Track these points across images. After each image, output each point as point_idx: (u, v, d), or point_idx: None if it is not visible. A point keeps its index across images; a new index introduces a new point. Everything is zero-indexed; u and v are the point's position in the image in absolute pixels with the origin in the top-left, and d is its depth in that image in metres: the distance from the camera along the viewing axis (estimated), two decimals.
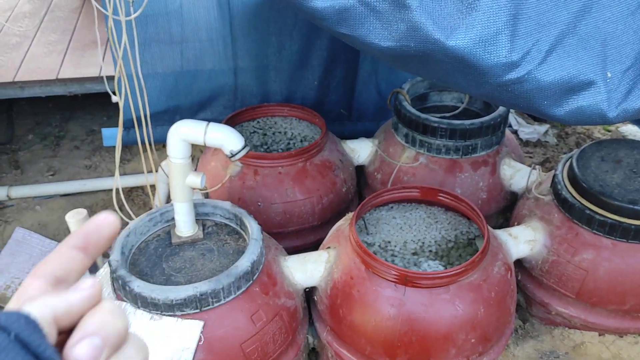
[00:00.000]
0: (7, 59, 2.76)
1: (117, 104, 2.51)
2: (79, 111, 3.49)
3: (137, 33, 2.26)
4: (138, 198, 2.96)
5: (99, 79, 2.62)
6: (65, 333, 0.43)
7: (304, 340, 1.88)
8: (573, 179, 1.94)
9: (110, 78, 2.46)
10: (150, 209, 2.81)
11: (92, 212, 2.92)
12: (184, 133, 1.65)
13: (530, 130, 3.03)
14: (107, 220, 0.48)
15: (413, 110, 2.25)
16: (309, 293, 1.93)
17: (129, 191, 3.00)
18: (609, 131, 3.18)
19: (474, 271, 1.68)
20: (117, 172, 1.98)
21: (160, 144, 2.70)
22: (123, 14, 1.66)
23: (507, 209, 2.37)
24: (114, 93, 2.44)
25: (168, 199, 2.70)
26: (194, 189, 1.77)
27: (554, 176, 2.04)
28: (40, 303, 0.42)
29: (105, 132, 2.68)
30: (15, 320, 0.40)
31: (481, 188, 2.25)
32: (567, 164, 2.04)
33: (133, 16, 1.67)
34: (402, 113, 2.29)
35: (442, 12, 1.02)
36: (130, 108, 1.96)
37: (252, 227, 1.78)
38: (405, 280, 1.64)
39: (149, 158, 2.22)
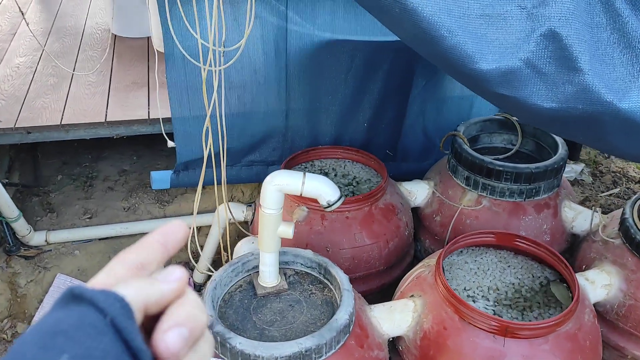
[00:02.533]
0: (50, 100, 2.71)
1: (160, 147, 2.49)
2: (106, 151, 3.43)
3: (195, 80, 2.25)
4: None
5: (147, 122, 2.58)
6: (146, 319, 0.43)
7: None
8: None
9: (165, 121, 2.44)
10: (194, 252, 2.75)
11: None
12: (281, 184, 1.63)
13: (567, 170, 3.08)
14: (180, 225, 0.51)
15: (475, 154, 2.27)
16: (392, 343, 1.90)
17: None
18: None
19: (570, 320, 1.68)
20: (195, 213, 1.93)
21: (210, 186, 2.66)
22: (215, 65, 1.65)
23: (566, 252, 2.38)
24: (169, 137, 2.42)
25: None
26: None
27: (623, 219, 2.06)
28: (134, 288, 0.43)
29: (155, 175, 2.63)
30: (112, 302, 0.40)
31: (544, 231, 2.27)
32: (636, 206, 2.07)
33: (224, 66, 1.66)
34: (462, 156, 2.30)
35: (611, 76, 1.03)
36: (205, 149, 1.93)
37: (341, 277, 1.75)
38: (506, 331, 1.63)
39: (216, 198, 2.19)
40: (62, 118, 2.57)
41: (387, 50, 2.48)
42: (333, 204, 1.65)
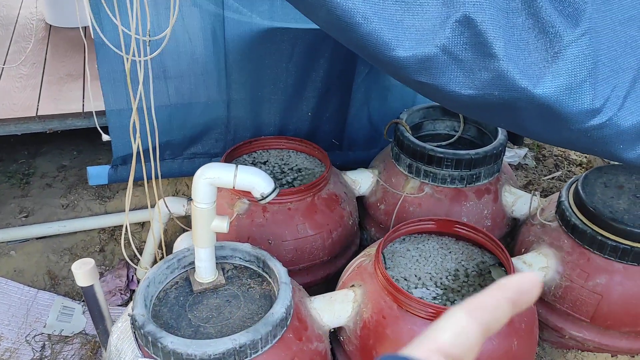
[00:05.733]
0: None
1: (101, 141, 2.39)
2: (45, 146, 3.30)
3: (130, 70, 2.17)
4: (120, 237, 2.81)
5: (82, 115, 2.48)
6: None
7: None
8: (581, 205, 2.00)
9: (99, 114, 2.35)
10: (138, 248, 2.68)
11: (72, 254, 2.75)
12: (212, 177, 1.58)
13: (511, 154, 3.12)
14: (535, 279, 0.43)
15: (417, 142, 2.27)
16: (333, 334, 1.88)
17: (112, 230, 2.84)
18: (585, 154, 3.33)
19: None
20: (127, 209, 1.86)
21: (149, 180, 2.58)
22: (142, 54, 1.58)
23: (507, 235, 2.42)
24: (104, 130, 2.33)
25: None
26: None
27: (560, 202, 2.09)
28: None
29: (92, 170, 2.53)
30: None
31: (485, 216, 2.29)
32: (572, 190, 2.11)
33: (150, 56, 1.60)
34: (404, 144, 2.30)
35: (526, 61, 1.03)
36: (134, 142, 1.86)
37: (279, 269, 1.72)
38: None
39: (147, 195, 2.12)
40: None
41: (328, 38, 2.44)
42: (267, 196, 1.62)
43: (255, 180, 1.59)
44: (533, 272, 2.02)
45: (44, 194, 2.96)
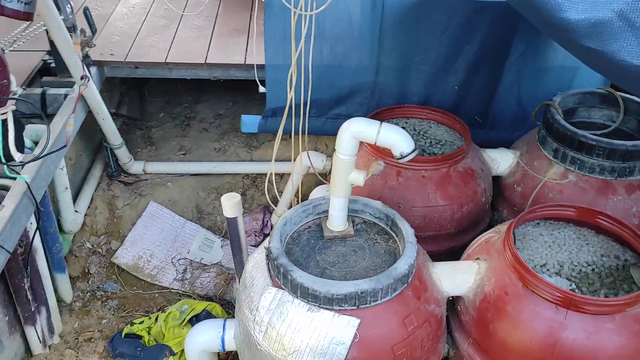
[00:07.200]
0: (157, 40, 2.90)
1: (259, 93, 2.58)
2: (206, 95, 3.62)
3: (294, 28, 2.30)
4: (262, 185, 3.03)
5: (243, 67, 2.70)
6: None
7: (443, 349, 1.86)
8: None
9: (259, 67, 2.53)
10: (274, 196, 2.87)
11: (217, 194, 3.03)
12: (356, 131, 1.66)
13: None
14: None
15: (568, 125, 2.16)
16: (451, 302, 1.91)
17: (254, 177, 3.08)
18: None
19: None
20: (273, 159, 2.02)
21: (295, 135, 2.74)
22: (309, 9, 1.69)
23: None
24: (261, 83, 2.51)
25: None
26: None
27: None
28: None
29: (245, 118, 2.76)
30: None
31: (634, 214, 2.14)
32: None
33: (316, 11, 1.70)
34: (554, 127, 2.20)
35: None
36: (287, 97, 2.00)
37: (407, 229, 1.78)
38: (569, 303, 1.58)
39: (293, 147, 2.27)
40: (167, 57, 2.75)
41: (486, 12, 2.39)
42: (406, 156, 1.67)
43: (397, 139, 1.65)
44: None
45: (200, 137, 3.28)
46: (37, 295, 2.18)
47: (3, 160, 1.61)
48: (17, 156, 1.65)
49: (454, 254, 2.27)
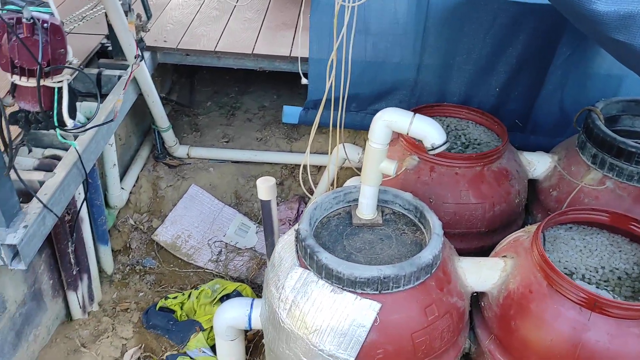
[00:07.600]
0: (209, 30, 3.01)
1: (303, 87, 2.64)
2: (252, 87, 3.72)
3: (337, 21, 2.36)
4: (299, 176, 3.10)
5: (288, 59, 2.77)
6: None
7: (464, 343, 1.87)
8: None
9: (303, 60, 2.61)
10: (310, 188, 2.94)
11: (256, 182, 3.11)
12: (389, 120, 1.71)
13: None
14: None
15: (608, 131, 2.13)
16: (475, 297, 1.92)
17: (292, 167, 3.15)
18: None
19: None
20: (308, 150, 2.08)
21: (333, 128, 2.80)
22: (352, 0, 1.74)
23: None
24: (305, 75, 2.58)
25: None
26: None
27: None
28: None
29: (287, 109, 2.84)
30: None
31: None
32: None
33: (359, 2, 1.75)
34: (593, 132, 2.18)
35: None
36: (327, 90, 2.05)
37: (434, 222, 1.80)
38: (594, 305, 1.57)
39: (330, 140, 2.32)
40: (216, 46, 2.85)
41: (532, 13, 2.39)
42: (437, 147, 1.70)
43: (429, 130, 1.68)
44: None
45: (244, 126, 3.38)
46: (81, 262, 2.31)
47: (56, 124, 1.72)
48: (69, 122, 1.75)
49: (483, 253, 2.27)
